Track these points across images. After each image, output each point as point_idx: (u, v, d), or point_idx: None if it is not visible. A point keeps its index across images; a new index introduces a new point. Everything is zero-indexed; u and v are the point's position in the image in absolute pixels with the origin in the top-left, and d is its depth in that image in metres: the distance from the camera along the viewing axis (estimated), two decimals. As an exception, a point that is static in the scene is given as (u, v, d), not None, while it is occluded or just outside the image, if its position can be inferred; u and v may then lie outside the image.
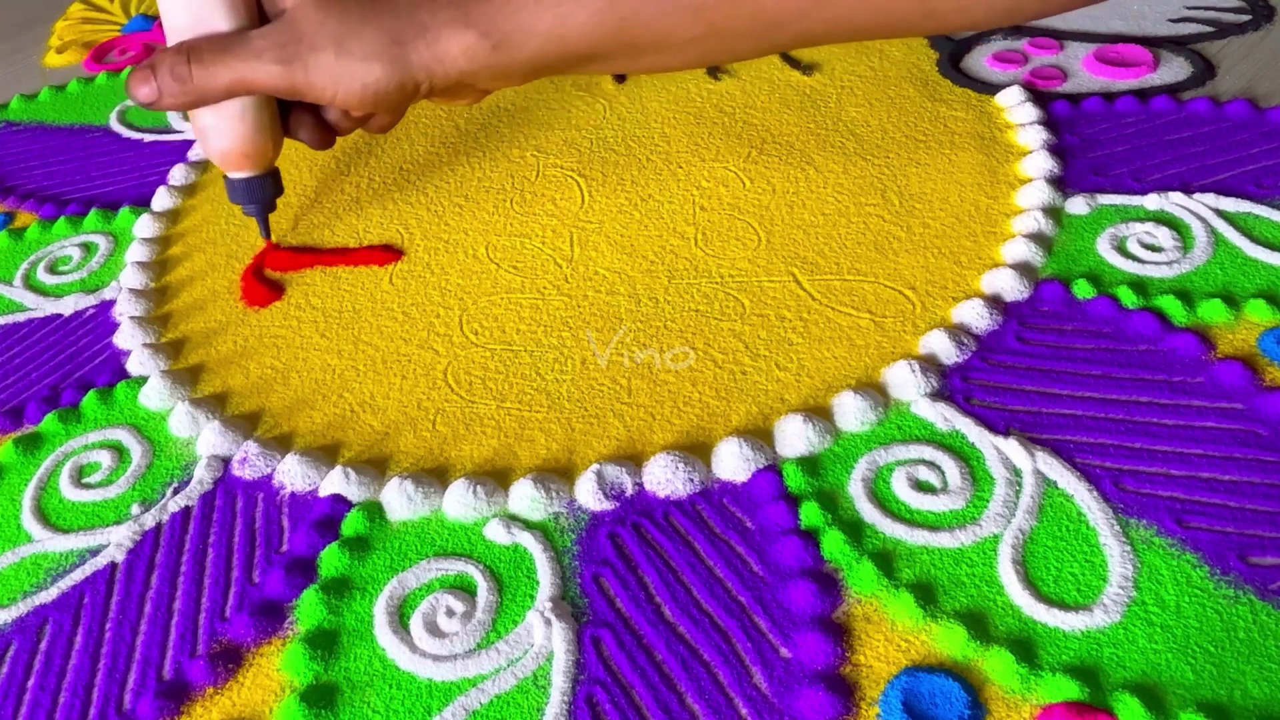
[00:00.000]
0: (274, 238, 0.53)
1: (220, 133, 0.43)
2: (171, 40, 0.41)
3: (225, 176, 0.46)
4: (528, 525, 0.37)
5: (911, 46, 0.61)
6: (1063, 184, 0.49)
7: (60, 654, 0.36)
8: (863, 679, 0.32)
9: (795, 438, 0.39)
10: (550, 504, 0.38)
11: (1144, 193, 0.48)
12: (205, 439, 0.42)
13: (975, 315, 0.43)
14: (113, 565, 0.38)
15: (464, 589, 0.36)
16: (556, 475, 0.39)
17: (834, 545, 0.35)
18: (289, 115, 0.44)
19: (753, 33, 0.37)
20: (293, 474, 0.40)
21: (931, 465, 0.37)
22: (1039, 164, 0.50)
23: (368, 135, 0.60)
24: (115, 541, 0.39)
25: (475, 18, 0.37)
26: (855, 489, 0.37)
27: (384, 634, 0.35)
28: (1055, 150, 0.51)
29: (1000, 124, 0.54)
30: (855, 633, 0.33)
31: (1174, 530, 0.34)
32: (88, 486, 0.42)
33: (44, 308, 0.51)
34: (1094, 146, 0.51)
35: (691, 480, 0.38)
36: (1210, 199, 0.47)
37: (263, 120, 0.43)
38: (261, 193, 0.47)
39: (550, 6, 0.37)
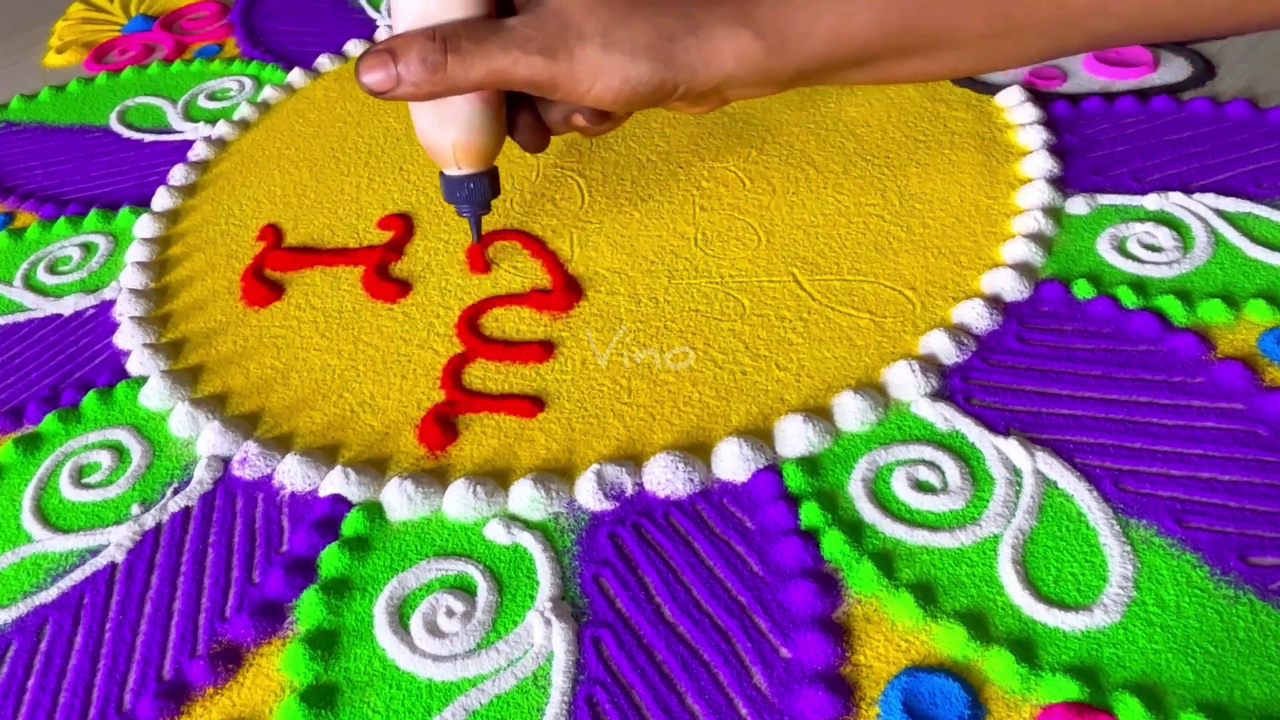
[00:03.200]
0: (274, 234, 0.53)
1: (445, 125, 0.40)
2: (403, 27, 0.37)
3: (441, 174, 0.43)
4: (528, 525, 0.37)
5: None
6: (1063, 184, 0.49)
7: (60, 654, 0.36)
8: (863, 679, 0.32)
9: (795, 438, 0.39)
10: (550, 504, 0.38)
11: (1144, 193, 0.48)
12: (205, 439, 0.42)
13: (975, 315, 0.43)
14: (113, 565, 0.38)
15: (464, 589, 0.36)
16: (556, 475, 0.39)
17: (834, 545, 0.35)
18: (510, 113, 0.41)
19: (1044, 30, 0.34)
20: (293, 474, 0.40)
21: (931, 465, 0.37)
22: (1039, 164, 0.50)
23: (366, 136, 0.60)
24: (115, 541, 0.39)
25: (752, 16, 0.35)
26: (855, 489, 0.37)
27: (384, 634, 0.35)
28: (1055, 150, 0.51)
29: (1000, 124, 0.54)
30: (855, 633, 0.33)
31: (1174, 530, 0.34)
32: (88, 487, 0.42)
33: (44, 308, 0.51)
34: (1094, 146, 0.51)
35: (691, 480, 0.38)
36: (1210, 199, 0.47)
37: (492, 114, 0.40)
38: (479, 192, 0.43)
39: (833, 6, 0.35)
